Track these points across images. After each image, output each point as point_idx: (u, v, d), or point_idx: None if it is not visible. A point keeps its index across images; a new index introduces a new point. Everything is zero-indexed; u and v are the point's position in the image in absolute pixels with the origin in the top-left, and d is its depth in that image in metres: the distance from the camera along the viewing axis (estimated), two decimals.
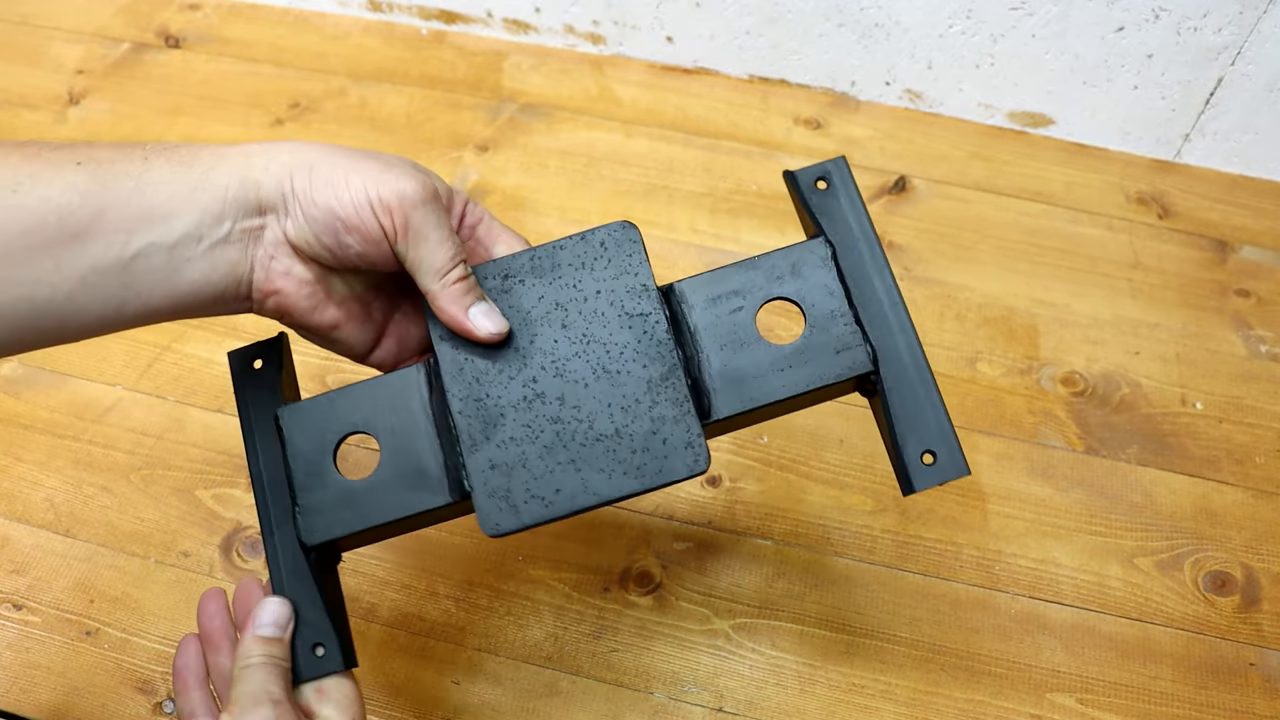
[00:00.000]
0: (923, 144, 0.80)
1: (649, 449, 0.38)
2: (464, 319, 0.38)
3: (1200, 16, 0.69)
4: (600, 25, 0.84)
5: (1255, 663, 0.53)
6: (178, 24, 0.88)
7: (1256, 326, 0.69)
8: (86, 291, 0.34)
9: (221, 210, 0.36)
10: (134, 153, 0.35)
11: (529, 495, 0.38)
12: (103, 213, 0.34)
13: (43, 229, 0.33)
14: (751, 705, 0.51)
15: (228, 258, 0.36)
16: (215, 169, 0.36)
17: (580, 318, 0.40)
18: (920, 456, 0.41)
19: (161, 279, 0.35)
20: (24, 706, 0.50)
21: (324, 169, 0.37)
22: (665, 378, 0.39)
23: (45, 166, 0.34)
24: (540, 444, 0.38)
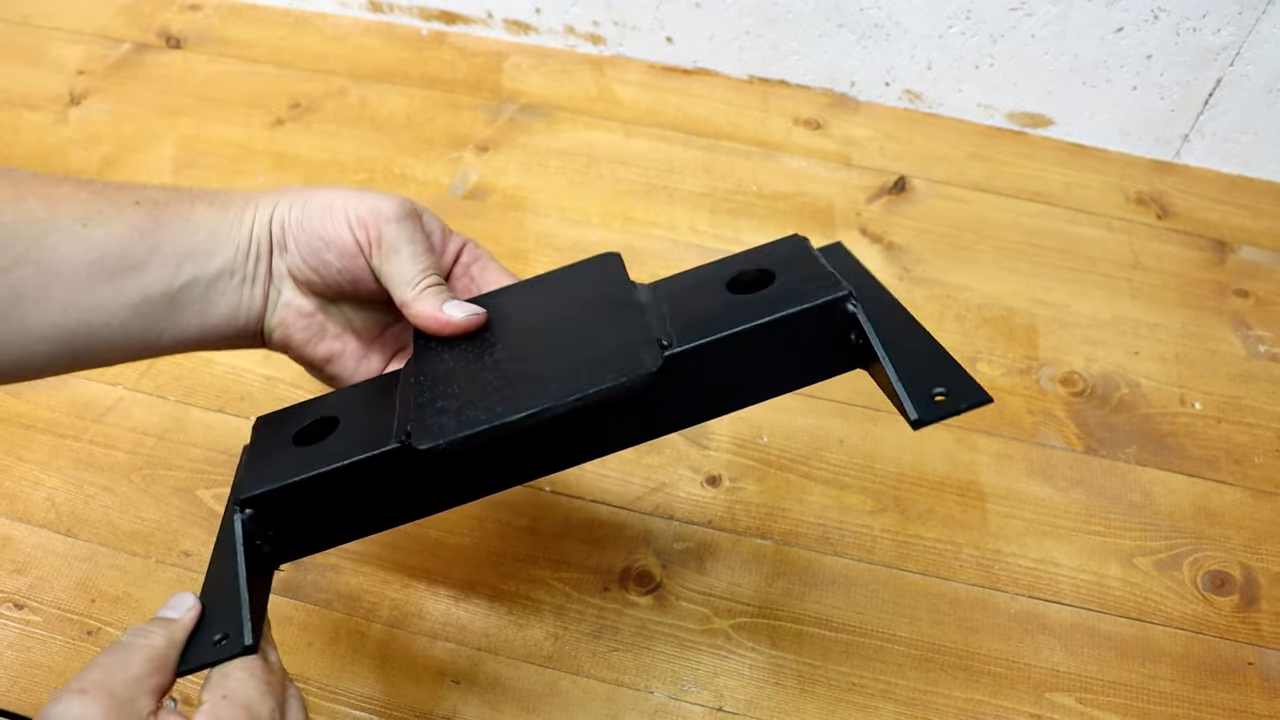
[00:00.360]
0: (922, 144, 0.80)
1: (600, 363, 0.36)
2: (438, 312, 0.39)
3: (1199, 17, 0.69)
4: (600, 26, 0.84)
5: (1254, 662, 0.53)
6: (178, 24, 0.88)
7: (1255, 327, 0.69)
8: (136, 318, 0.37)
9: (249, 248, 0.39)
10: (182, 195, 0.39)
11: (477, 409, 0.35)
12: (158, 247, 0.37)
13: (106, 259, 0.36)
14: (751, 705, 0.51)
15: (254, 294, 0.40)
16: (245, 211, 0.40)
17: (553, 309, 0.40)
18: (932, 396, 0.36)
19: (199, 309, 0.39)
20: (25, 706, 0.50)
21: (315, 201, 0.40)
22: (621, 314, 0.38)
23: (109, 204, 0.37)
24: (492, 377, 0.37)
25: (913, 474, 0.60)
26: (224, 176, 0.75)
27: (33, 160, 0.76)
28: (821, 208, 0.75)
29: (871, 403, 0.64)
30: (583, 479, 0.59)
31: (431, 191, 0.75)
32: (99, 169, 0.76)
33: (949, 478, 0.60)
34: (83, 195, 0.36)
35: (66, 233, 0.35)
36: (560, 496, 0.59)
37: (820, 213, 0.75)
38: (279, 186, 0.41)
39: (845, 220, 0.74)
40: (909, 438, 0.62)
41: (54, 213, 0.35)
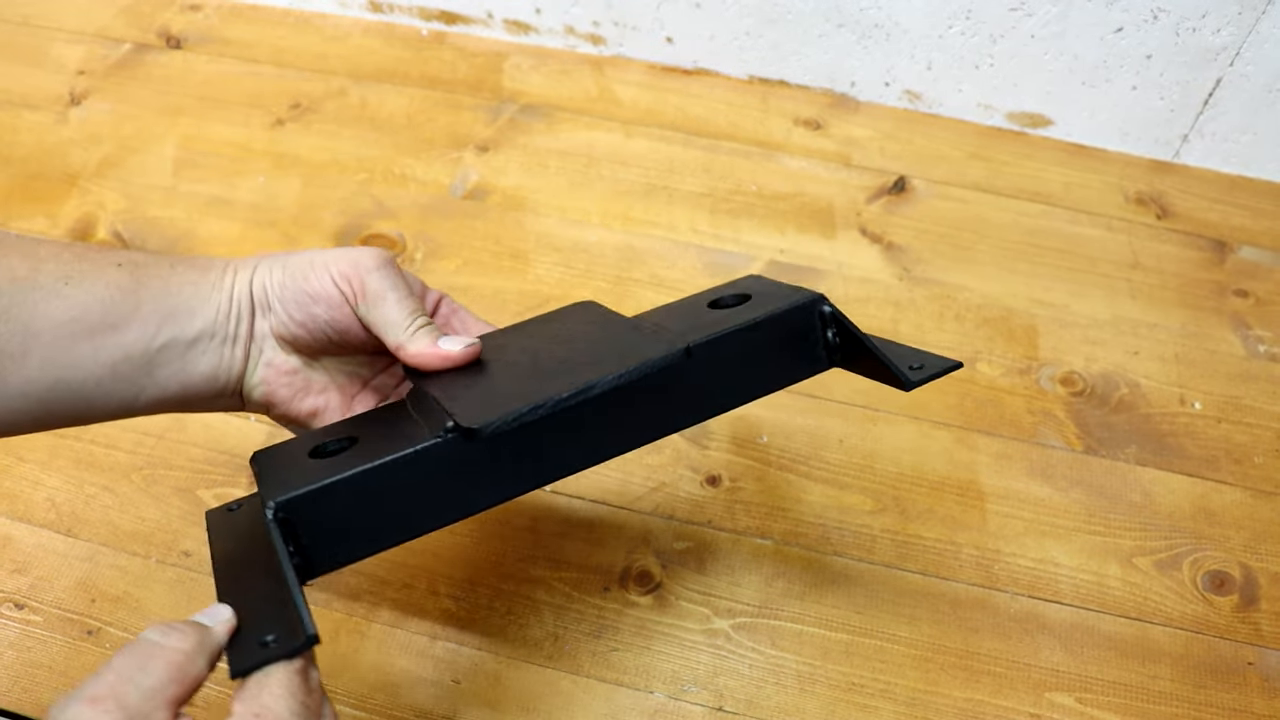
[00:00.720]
0: (922, 144, 0.80)
1: (621, 354, 0.38)
2: (434, 348, 0.40)
3: (1199, 17, 0.70)
4: (600, 26, 0.84)
5: (1254, 662, 0.53)
6: (179, 25, 0.88)
7: (1255, 326, 0.69)
8: (114, 378, 0.37)
9: (230, 310, 0.40)
10: (162, 259, 0.40)
11: (515, 398, 0.36)
12: (138, 307, 0.37)
13: (86, 318, 0.36)
14: (751, 704, 0.51)
15: (234, 355, 0.40)
16: (224, 275, 0.40)
17: (548, 338, 0.42)
18: (911, 369, 0.43)
19: (178, 369, 0.39)
20: (25, 706, 0.50)
21: (294, 261, 0.41)
22: (620, 331, 0.41)
23: (90, 265, 0.37)
24: (518, 377, 0.39)
25: (912, 474, 0.60)
26: (224, 176, 0.75)
27: (33, 160, 0.76)
28: (821, 208, 0.75)
29: (871, 403, 0.64)
30: (583, 479, 0.59)
31: (431, 192, 0.75)
32: (99, 169, 0.76)
33: (949, 478, 0.60)
34: (65, 256, 0.37)
35: (47, 291, 0.35)
36: (560, 496, 0.59)
37: (820, 213, 0.75)
38: (256, 254, 0.42)
39: (845, 220, 0.74)
40: (909, 438, 0.62)
41: (36, 271, 0.36)
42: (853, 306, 0.69)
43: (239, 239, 0.71)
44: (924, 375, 0.42)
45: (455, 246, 0.71)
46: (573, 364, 0.39)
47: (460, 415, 0.36)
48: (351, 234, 0.72)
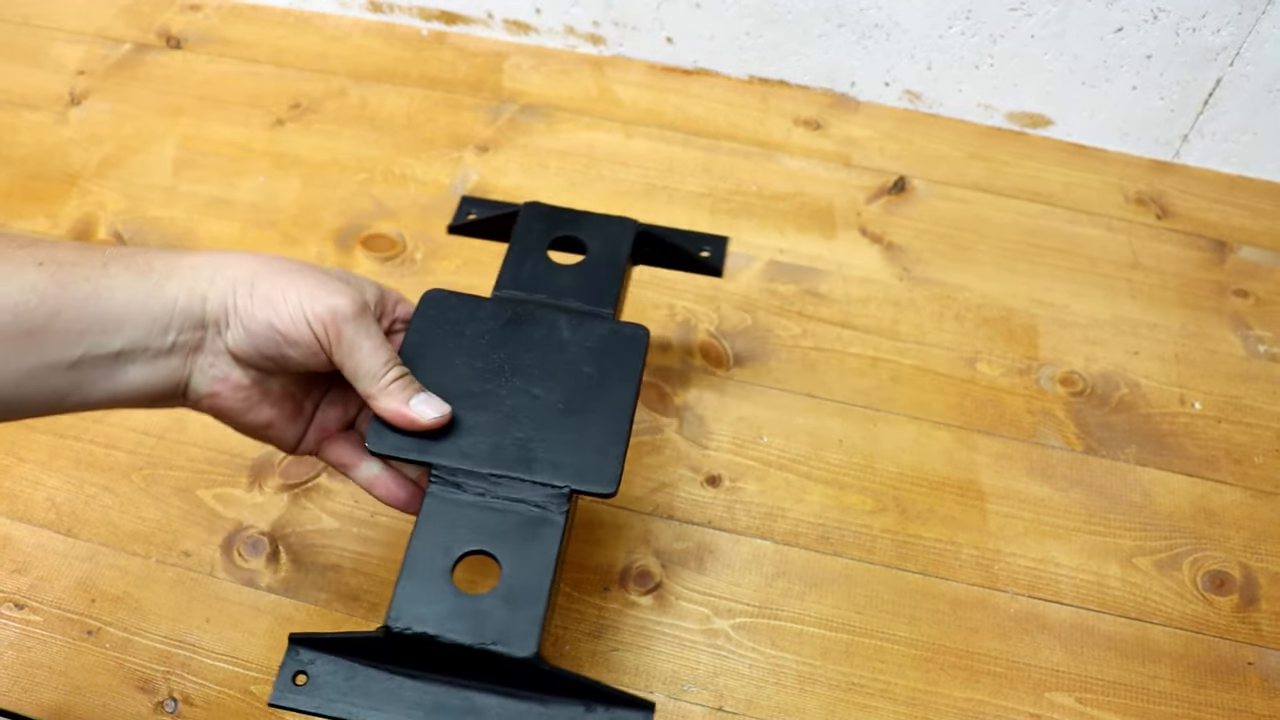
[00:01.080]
0: (922, 144, 0.80)
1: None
2: (406, 410, 0.41)
3: (1199, 17, 0.70)
4: (600, 26, 0.84)
5: (1254, 662, 0.53)
6: (179, 25, 0.88)
7: (1255, 326, 0.69)
8: (32, 383, 0.36)
9: (169, 321, 0.38)
10: (94, 256, 0.37)
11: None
12: (57, 314, 0.35)
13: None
14: (751, 705, 0.51)
15: (169, 365, 0.39)
16: (168, 280, 0.38)
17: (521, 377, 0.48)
18: (699, 253, 0.58)
19: (103, 379, 0.37)
20: (25, 706, 0.50)
21: (264, 285, 0.39)
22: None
23: (9, 264, 0.35)
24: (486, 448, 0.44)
25: (912, 474, 0.60)
26: (224, 176, 0.75)
27: (33, 160, 0.76)
28: (821, 208, 0.75)
29: (871, 403, 0.64)
30: None
31: (431, 192, 0.75)
32: (99, 169, 0.76)
33: (949, 478, 0.60)
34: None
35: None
36: None
37: (820, 213, 0.75)
38: (216, 251, 0.41)
39: (845, 220, 0.74)
40: (909, 438, 0.62)
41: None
42: (853, 306, 0.69)
43: (239, 239, 0.71)
44: (717, 256, 0.58)
45: (455, 246, 0.71)
46: (529, 449, 0.43)
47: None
48: (351, 234, 0.72)
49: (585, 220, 0.55)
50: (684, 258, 0.57)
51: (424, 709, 0.39)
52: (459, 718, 0.39)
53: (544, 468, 0.42)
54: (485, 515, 0.42)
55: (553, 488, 0.42)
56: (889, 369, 0.65)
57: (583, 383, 0.45)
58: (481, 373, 0.45)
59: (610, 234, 0.54)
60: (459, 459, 0.42)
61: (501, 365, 0.45)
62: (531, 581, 0.40)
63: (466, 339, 0.46)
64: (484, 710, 0.39)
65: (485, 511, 0.42)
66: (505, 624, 0.39)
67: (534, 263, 0.52)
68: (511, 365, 0.45)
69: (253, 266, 0.39)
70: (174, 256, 0.39)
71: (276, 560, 0.55)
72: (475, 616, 0.39)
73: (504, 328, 0.47)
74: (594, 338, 0.47)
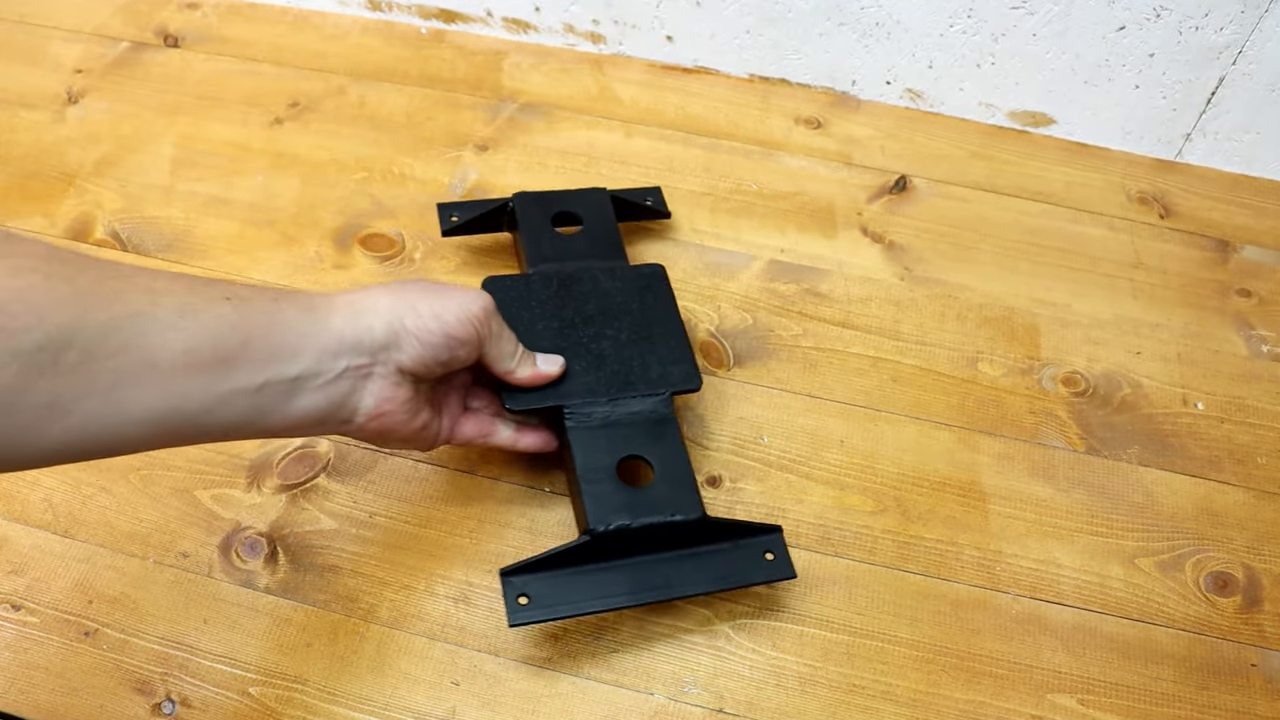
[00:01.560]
0: (923, 143, 0.80)
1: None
2: (540, 371, 0.52)
3: (1202, 15, 0.69)
4: (600, 24, 0.84)
5: (1257, 663, 0.53)
6: (176, 23, 0.88)
7: (1258, 326, 0.69)
8: (222, 408, 0.40)
9: (337, 350, 0.43)
10: (265, 294, 0.42)
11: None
12: (246, 344, 0.40)
13: (200, 351, 0.38)
14: (751, 706, 0.51)
15: (339, 389, 0.43)
16: (330, 316, 0.43)
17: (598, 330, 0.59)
18: (645, 201, 0.72)
19: (281, 404, 0.42)
20: (22, 707, 0.50)
21: (422, 305, 0.46)
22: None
23: (202, 299, 0.39)
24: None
25: (914, 474, 0.60)
26: (222, 176, 0.75)
27: (30, 159, 0.76)
28: (822, 207, 0.75)
29: (872, 403, 0.63)
30: None
31: (431, 190, 0.75)
32: (96, 168, 0.75)
33: (950, 478, 0.60)
34: (177, 289, 0.38)
35: (164, 324, 0.37)
36: (560, 496, 0.58)
37: (821, 212, 0.75)
38: (356, 290, 0.46)
39: (846, 220, 0.74)
40: (910, 438, 0.62)
41: (154, 305, 0.37)
42: (853, 306, 0.69)
43: (237, 238, 0.71)
44: (658, 201, 0.72)
45: (454, 246, 0.71)
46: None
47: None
48: (350, 233, 0.71)
49: (569, 197, 0.66)
50: (638, 209, 0.70)
51: (626, 587, 0.50)
52: (653, 583, 0.50)
53: (644, 383, 0.54)
54: (617, 429, 0.53)
55: (656, 395, 0.54)
56: (890, 369, 0.65)
57: (636, 316, 0.57)
58: (560, 330, 0.56)
59: (593, 202, 0.66)
60: (584, 394, 0.53)
61: (572, 320, 0.56)
62: (676, 464, 0.52)
63: (535, 308, 0.56)
64: (666, 570, 0.51)
65: (616, 427, 0.53)
66: (674, 499, 0.51)
67: (548, 240, 0.63)
68: (580, 318, 0.57)
69: (398, 294, 0.46)
70: (327, 296, 0.44)
71: (275, 561, 0.55)
72: (650, 501, 0.51)
73: (557, 293, 0.58)
74: (626, 281, 0.59)
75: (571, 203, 0.66)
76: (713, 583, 0.51)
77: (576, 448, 0.52)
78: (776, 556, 0.53)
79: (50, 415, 0.34)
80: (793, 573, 0.52)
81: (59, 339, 0.34)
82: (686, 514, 0.51)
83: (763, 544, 0.53)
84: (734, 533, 0.52)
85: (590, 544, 0.49)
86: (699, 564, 0.51)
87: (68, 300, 0.34)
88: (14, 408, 0.33)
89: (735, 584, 0.52)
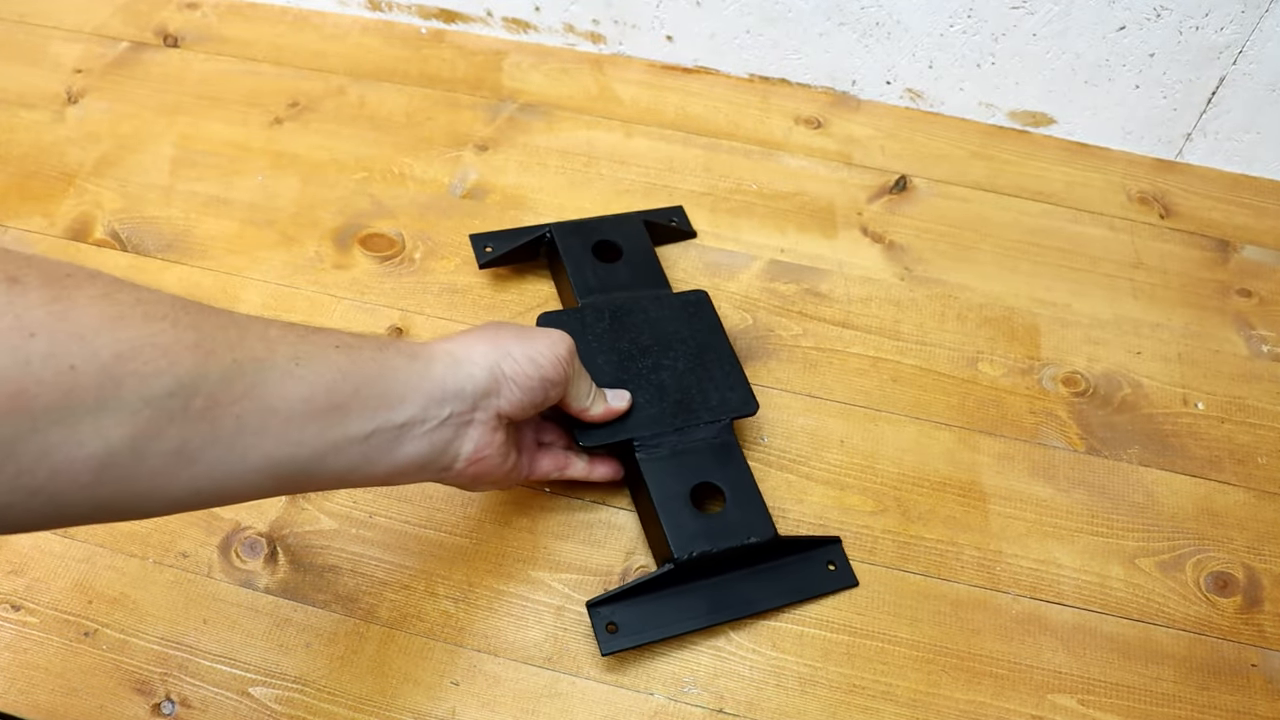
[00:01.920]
0: (923, 143, 0.80)
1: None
2: (611, 408, 0.54)
3: (1202, 15, 0.69)
4: (600, 24, 0.83)
5: (1257, 664, 0.53)
6: (176, 23, 0.88)
7: (1258, 326, 0.69)
8: (334, 455, 0.39)
9: (442, 398, 0.43)
10: (371, 341, 0.42)
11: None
12: (357, 391, 0.40)
13: (315, 399, 0.38)
14: (751, 706, 0.51)
15: (442, 436, 0.44)
16: (432, 364, 0.44)
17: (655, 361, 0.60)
18: (670, 223, 0.72)
19: (388, 451, 0.42)
20: (22, 707, 0.50)
21: (518, 351, 0.47)
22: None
23: (314, 346, 0.39)
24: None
25: (914, 474, 0.60)
26: (222, 175, 0.75)
27: (29, 159, 0.76)
28: (822, 207, 0.75)
29: (872, 403, 0.63)
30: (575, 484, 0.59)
31: (431, 191, 0.75)
32: (96, 168, 0.75)
33: (950, 478, 0.60)
34: (290, 336, 0.38)
35: (282, 371, 0.37)
36: (560, 497, 0.58)
37: (821, 212, 0.75)
38: (450, 339, 0.46)
39: (846, 220, 0.74)
40: (910, 438, 0.62)
41: (272, 352, 0.37)
42: (854, 306, 0.69)
43: (237, 238, 0.71)
44: (682, 221, 0.73)
45: (454, 246, 0.71)
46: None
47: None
48: (350, 233, 0.71)
49: (606, 224, 0.67)
50: (667, 231, 0.71)
51: (706, 609, 0.52)
52: (730, 601, 0.53)
53: (705, 411, 0.56)
54: (686, 458, 0.55)
55: (718, 421, 0.56)
56: (890, 369, 0.65)
57: (689, 344, 0.59)
58: (620, 363, 0.57)
59: (629, 230, 0.67)
60: (651, 426, 0.55)
61: (629, 351, 0.58)
62: (745, 487, 0.54)
63: (592, 342, 0.58)
64: (742, 588, 0.53)
65: (684, 455, 0.55)
66: (748, 522, 0.53)
67: (592, 271, 0.64)
68: (637, 349, 0.58)
69: (491, 340, 0.47)
70: (425, 345, 0.45)
71: (274, 561, 0.55)
72: (726, 526, 0.52)
73: (611, 325, 0.59)
74: (674, 309, 0.61)
75: (608, 231, 0.67)
76: (786, 596, 0.54)
77: (650, 479, 0.53)
78: (838, 566, 0.55)
79: (177, 463, 0.34)
80: (855, 581, 0.55)
81: (188, 385, 0.33)
82: (761, 535, 0.52)
83: (825, 554, 0.55)
84: (799, 547, 0.55)
85: (673, 572, 0.51)
86: (771, 579, 0.54)
87: (194, 346, 0.34)
88: (144, 455, 0.33)
89: (805, 595, 0.54)
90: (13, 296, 0.29)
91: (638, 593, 0.52)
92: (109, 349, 0.31)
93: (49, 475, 0.30)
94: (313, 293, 0.68)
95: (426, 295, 0.68)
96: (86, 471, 0.31)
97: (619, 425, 0.54)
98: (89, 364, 0.30)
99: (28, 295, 0.30)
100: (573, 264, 0.64)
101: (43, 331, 0.30)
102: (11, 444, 0.29)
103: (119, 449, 0.32)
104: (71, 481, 0.31)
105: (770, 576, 0.54)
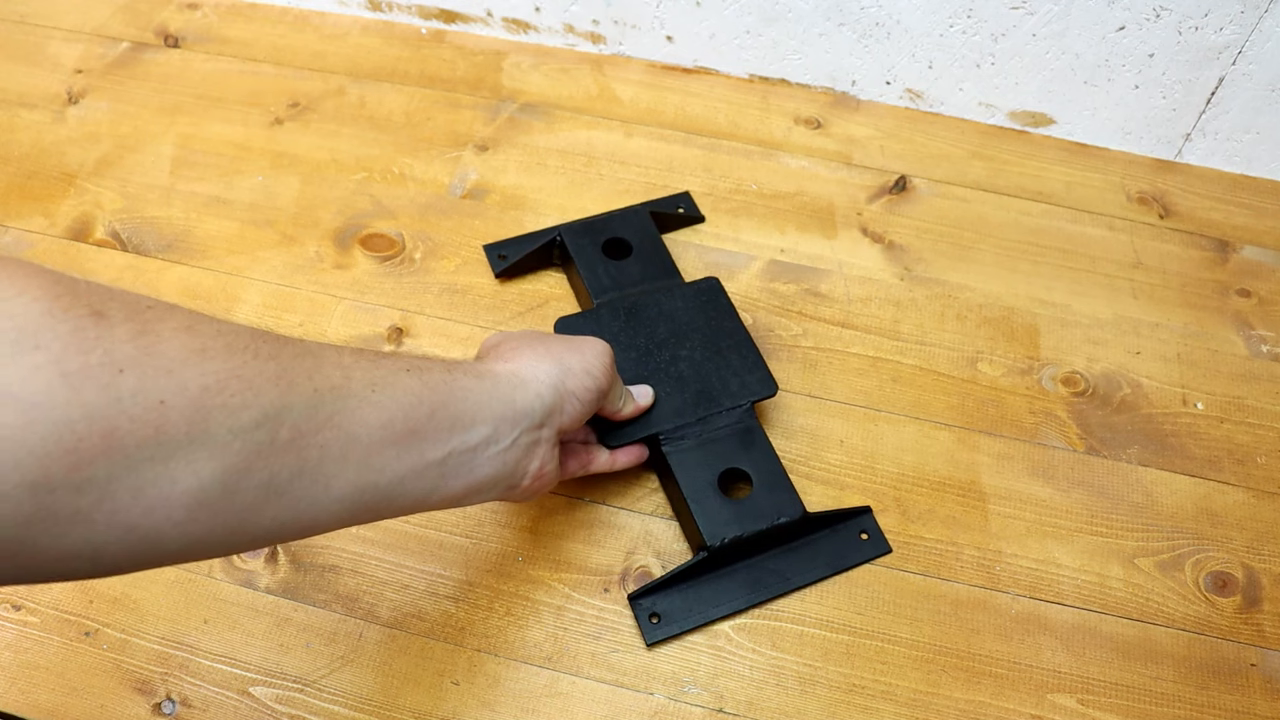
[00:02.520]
0: (923, 143, 0.80)
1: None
2: (637, 405, 0.55)
3: (1201, 15, 0.69)
4: (600, 24, 0.84)
5: (1256, 663, 0.53)
6: (176, 23, 0.88)
7: (1258, 326, 0.69)
8: (412, 480, 0.39)
9: (513, 419, 0.43)
10: (439, 364, 0.42)
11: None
12: (432, 415, 0.39)
13: (393, 425, 0.38)
14: (751, 706, 0.51)
15: (513, 456, 0.44)
16: (498, 386, 0.44)
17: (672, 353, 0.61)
18: (677, 210, 0.74)
19: (463, 473, 0.41)
20: (23, 707, 0.50)
21: (574, 364, 0.47)
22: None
23: (387, 371, 0.39)
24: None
25: (913, 474, 0.60)
26: (222, 175, 0.75)
27: (30, 159, 0.76)
28: (822, 207, 0.75)
29: (872, 403, 0.63)
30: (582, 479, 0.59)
31: (431, 191, 0.75)
32: (96, 168, 0.75)
33: (950, 478, 0.60)
34: (362, 363, 0.38)
35: (360, 398, 0.37)
36: (560, 497, 0.58)
37: (820, 212, 0.75)
38: (510, 359, 0.46)
39: (846, 220, 0.74)
40: (910, 438, 0.62)
41: (348, 380, 0.37)
42: (853, 306, 0.69)
43: (237, 238, 0.71)
44: (690, 208, 0.74)
45: (454, 246, 0.71)
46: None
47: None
48: (350, 233, 0.71)
49: (613, 220, 0.68)
50: (674, 219, 0.72)
51: (745, 590, 0.54)
52: (768, 580, 0.54)
53: (726, 397, 0.57)
54: (711, 446, 0.56)
55: (740, 407, 0.57)
56: (890, 369, 0.65)
57: (704, 332, 0.59)
58: (639, 358, 0.58)
59: (637, 224, 0.68)
60: (674, 418, 0.56)
61: (647, 346, 0.59)
62: (771, 469, 0.55)
63: (611, 341, 0.57)
64: (778, 566, 0.54)
65: (709, 444, 0.56)
66: (777, 503, 0.54)
67: (604, 269, 0.65)
68: (653, 343, 0.59)
69: (548, 356, 0.47)
70: (489, 365, 0.45)
71: (275, 561, 0.55)
72: (756, 509, 0.54)
73: (627, 322, 0.60)
74: (688, 299, 0.61)
75: (616, 227, 0.68)
76: (822, 569, 0.55)
77: (678, 470, 0.54)
78: (870, 535, 0.56)
79: (266, 496, 0.33)
80: (889, 547, 0.56)
81: (274, 416, 0.33)
82: (791, 515, 0.54)
83: (857, 525, 0.57)
84: (830, 520, 0.56)
85: (708, 559, 0.53)
86: (806, 554, 0.55)
87: (276, 377, 0.33)
88: (235, 489, 0.32)
89: (842, 566, 0.55)
90: (100, 331, 0.28)
91: (676, 581, 0.53)
92: (196, 382, 0.30)
93: (144, 513, 0.30)
94: (313, 293, 0.68)
95: (426, 295, 0.68)
96: (180, 508, 0.30)
97: (643, 421, 0.55)
98: (178, 398, 0.30)
99: (115, 330, 0.29)
100: (585, 265, 0.65)
101: (132, 367, 0.29)
102: (106, 483, 0.28)
103: (210, 484, 0.31)
104: (165, 518, 0.30)
105: (805, 552, 0.55)
